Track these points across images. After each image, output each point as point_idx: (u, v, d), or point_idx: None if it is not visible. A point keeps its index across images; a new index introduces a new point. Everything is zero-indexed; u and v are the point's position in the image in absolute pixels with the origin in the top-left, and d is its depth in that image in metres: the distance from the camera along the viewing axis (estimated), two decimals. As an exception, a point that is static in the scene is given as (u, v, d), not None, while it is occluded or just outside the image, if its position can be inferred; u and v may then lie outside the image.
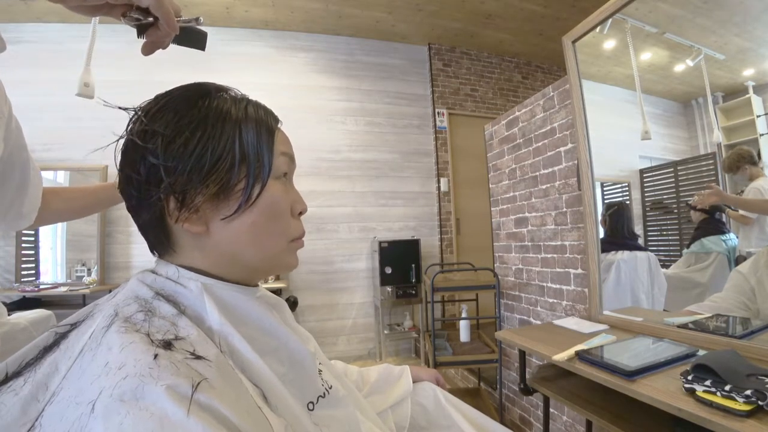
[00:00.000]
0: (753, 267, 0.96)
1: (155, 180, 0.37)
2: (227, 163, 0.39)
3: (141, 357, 0.29)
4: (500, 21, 3.16)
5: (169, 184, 0.37)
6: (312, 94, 3.19)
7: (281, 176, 0.44)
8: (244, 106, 0.42)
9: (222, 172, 0.38)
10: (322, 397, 0.46)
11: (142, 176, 0.38)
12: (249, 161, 0.40)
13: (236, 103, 0.41)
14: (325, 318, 3.09)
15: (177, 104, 0.39)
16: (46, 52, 2.75)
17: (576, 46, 1.36)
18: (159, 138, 0.37)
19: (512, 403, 1.90)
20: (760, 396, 0.60)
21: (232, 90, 0.44)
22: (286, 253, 0.45)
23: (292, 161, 0.46)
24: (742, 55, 1.08)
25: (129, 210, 0.41)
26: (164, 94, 0.40)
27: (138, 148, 0.37)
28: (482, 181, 2.45)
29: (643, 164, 1.32)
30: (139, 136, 0.38)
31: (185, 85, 0.41)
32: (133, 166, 0.38)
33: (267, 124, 0.43)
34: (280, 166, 0.44)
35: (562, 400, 1.00)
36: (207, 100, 0.40)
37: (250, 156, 0.40)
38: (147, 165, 0.37)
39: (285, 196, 0.44)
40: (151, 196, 0.38)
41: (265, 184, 0.41)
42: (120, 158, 0.39)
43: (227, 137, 0.39)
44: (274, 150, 0.43)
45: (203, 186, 0.38)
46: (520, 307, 1.83)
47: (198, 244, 0.41)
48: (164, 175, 0.37)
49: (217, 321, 0.37)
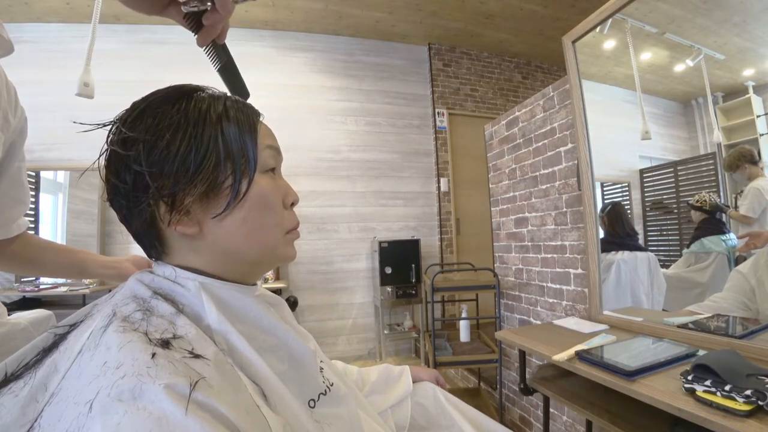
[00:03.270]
0: (753, 267, 0.96)
1: (142, 186, 0.37)
2: (212, 162, 0.38)
3: (139, 356, 0.29)
4: (500, 21, 3.16)
5: (156, 188, 0.37)
6: (312, 94, 3.19)
7: (269, 170, 0.44)
8: (222, 104, 0.41)
9: (208, 171, 0.38)
10: (324, 394, 0.46)
11: (128, 184, 0.37)
12: (234, 157, 0.40)
13: (215, 101, 0.41)
14: (325, 318, 3.09)
15: (155, 109, 0.38)
16: (46, 52, 2.75)
17: (576, 46, 1.36)
18: (140, 144, 0.37)
19: (512, 403, 1.90)
20: (760, 396, 0.60)
21: (210, 89, 0.43)
22: (283, 245, 0.45)
23: (278, 154, 0.46)
24: (742, 55, 1.08)
25: (121, 220, 0.41)
26: (141, 100, 0.40)
27: (120, 157, 0.37)
28: (482, 181, 2.45)
29: (643, 164, 1.32)
30: (120, 145, 0.37)
31: (161, 89, 0.41)
32: (118, 175, 0.38)
33: (248, 118, 0.43)
34: (267, 160, 0.43)
35: (562, 400, 1.00)
36: (184, 101, 0.40)
37: (234, 152, 0.40)
38: (132, 173, 0.37)
39: (275, 188, 0.44)
40: (140, 203, 0.38)
41: (252, 178, 0.41)
42: (104, 170, 0.39)
43: (209, 136, 0.38)
44: (259, 144, 0.42)
45: (191, 187, 0.38)
46: (520, 307, 1.83)
47: (193, 245, 0.41)
48: (150, 181, 0.36)
49: (215, 319, 0.37)
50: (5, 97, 0.54)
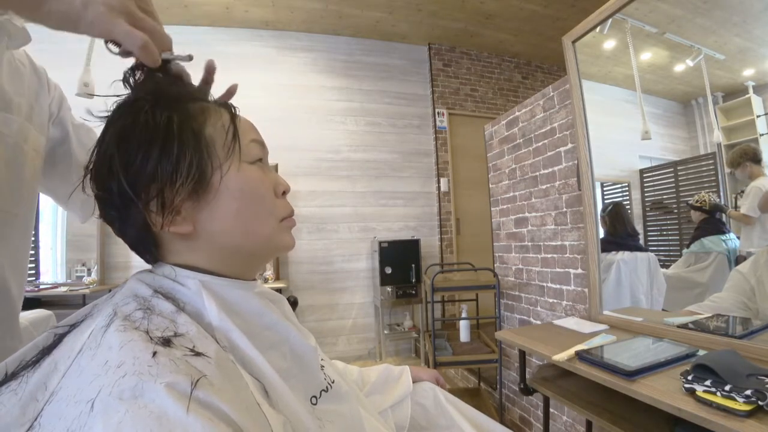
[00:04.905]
0: (753, 267, 0.96)
1: (129, 196, 0.37)
2: (194, 160, 0.38)
3: (140, 355, 0.29)
4: (500, 21, 3.16)
5: (143, 195, 0.37)
6: (312, 94, 3.19)
7: (256, 161, 0.44)
8: (186, 105, 0.41)
9: (192, 168, 0.38)
10: (325, 391, 0.46)
11: (115, 194, 0.38)
12: (213, 151, 0.40)
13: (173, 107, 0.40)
14: (325, 318, 3.09)
15: (123, 126, 0.38)
16: (46, 53, 2.74)
17: (576, 46, 1.36)
18: (116, 161, 0.37)
19: (512, 403, 1.90)
20: (760, 396, 0.60)
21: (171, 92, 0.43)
22: (279, 233, 0.45)
23: (263, 146, 0.46)
24: (742, 55, 1.08)
25: (117, 234, 0.41)
26: (109, 118, 0.39)
27: (102, 174, 0.38)
28: (482, 181, 2.45)
29: (643, 164, 1.32)
30: (99, 165, 0.38)
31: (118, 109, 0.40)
32: (104, 189, 0.38)
33: (216, 112, 0.42)
34: (252, 152, 0.43)
35: (562, 400, 1.00)
36: (150, 112, 0.38)
37: (214, 145, 0.40)
38: (116, 185, 0.37)
39: (264, 177, 0.44)
40: (130, 210, 0.38)
41: (237, 168, 0.41)
42: (93, 186, 0.39)
43: (180, 137, 0.38)
44: (242, 137, 0.42)
45: (178, 186, 0.38)
46: (520, 307, 1.83)
47: (189, 244, 0.41)
48: (133, 192, 0.37)
49: (216, 317, 0.37)
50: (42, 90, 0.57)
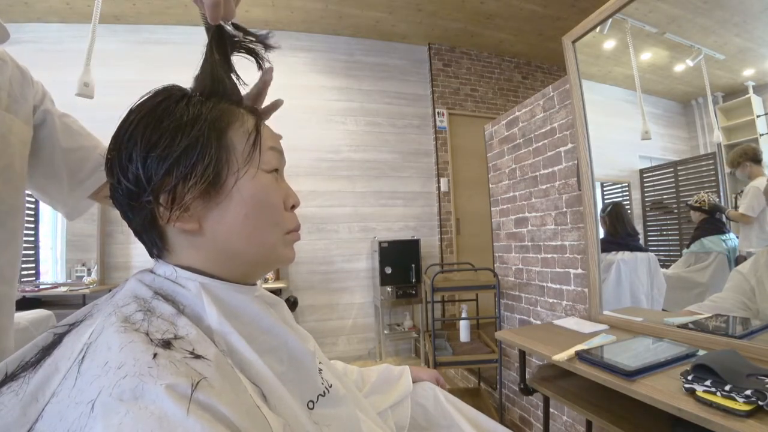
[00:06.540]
0: (753, 267, 0.96)
1: (142, 186, 0.38)
2: (213, 162, 0.38)
3: (140, 356, 0.29)
4: (500, 21, 3.16)
5: (155, 188, 0.37)
6: (312, 94, 3.19)
7: (272, 171, 0.44)
8: (211, 106, 0.41)
9: (209, 170, 0.38)
10: (322, 395, 0.46)
11: (130, 183, 0.38)
12: (232, 156, 0.40)
13: (204, 104, 0.41)
14: (325, 318, 3.09)
15: (148, 118, 0.38)
16: (46, 52, 2.75)
17: (576, 46, 1.36)
18: (137, 151, 0.37)
19: (512, 403, 1.90)
20: (760, 396, 0.60)
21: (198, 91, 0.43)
22: (282, 246, 0.45)
23: (281, 156, 0.46)
24: (742, 55, 1.08)
25: (123, 217, 0.42)
26: (136, 108, 0.40)
27: (120, 161, 0.38)
28: (482, 181, 2.45)
29: (643, 164, 1.32)
30: (119, 150, 0.38)
31: (152, 96, 0.40)
32: (119, 178, 0.38)
33: (243, 115, 0.43)
34: (270, 161, 0.44)
35: (562, 400, 1.00)
36: (177, 106, 0.39)
37: (234, 150, 0.40)
38: (132, 175, 0.38)
39: (276, 188, 0.44)
40: (141, 201, 0.38)
41: (253, 174, 0.41)
42: (106, 172, 0.40)
43: (205, 137, 0.38)
44: (262, 144, 0.42)
45: (191, 184, 0.38)
46: (520, 307, 1.83)
47: (193, 242, 0.41)
48: (147, 183, 0.37)
49: (215, 320, 0.37)
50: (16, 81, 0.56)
